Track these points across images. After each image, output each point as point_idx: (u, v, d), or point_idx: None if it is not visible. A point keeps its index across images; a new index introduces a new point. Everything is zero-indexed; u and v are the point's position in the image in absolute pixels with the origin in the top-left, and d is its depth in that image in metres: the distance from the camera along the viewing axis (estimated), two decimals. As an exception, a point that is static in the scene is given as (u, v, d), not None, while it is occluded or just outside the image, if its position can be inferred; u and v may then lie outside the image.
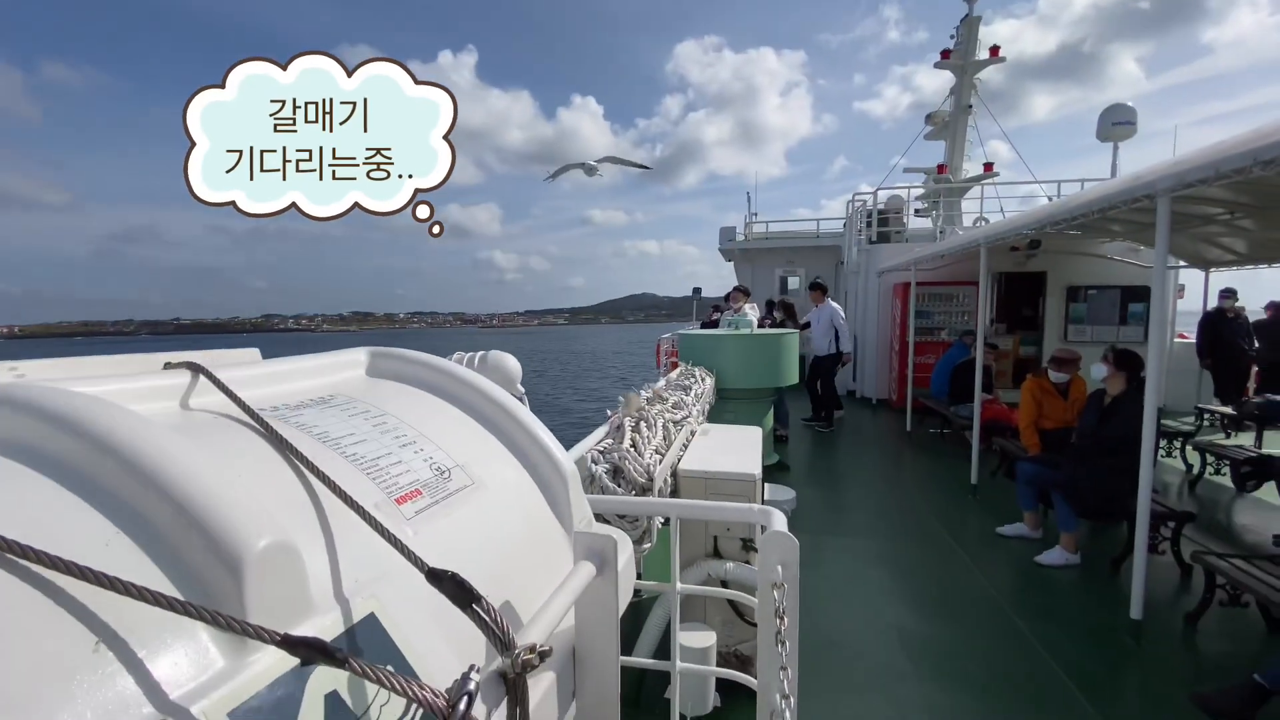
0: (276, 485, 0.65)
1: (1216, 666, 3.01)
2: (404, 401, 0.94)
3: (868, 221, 11.52)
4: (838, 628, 3.40)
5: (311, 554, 0.60)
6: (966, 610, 3.61)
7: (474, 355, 1.80)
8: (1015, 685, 2.88)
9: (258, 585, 0.54)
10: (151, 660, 0.50)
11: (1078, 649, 3.15)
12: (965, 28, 13.31)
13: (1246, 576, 3.05)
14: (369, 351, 1.07)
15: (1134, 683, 2.95)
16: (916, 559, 4.37)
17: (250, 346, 0.99)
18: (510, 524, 0.86)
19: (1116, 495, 3.85)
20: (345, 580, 0.61)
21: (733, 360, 5.71)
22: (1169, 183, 3.01)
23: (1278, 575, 3.00)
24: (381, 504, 0.71)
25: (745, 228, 15.33)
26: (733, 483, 2.77)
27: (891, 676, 2.95)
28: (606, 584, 0.80)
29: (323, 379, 0.95)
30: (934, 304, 9.98)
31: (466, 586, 0.56)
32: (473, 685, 0.49)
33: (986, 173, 13.54)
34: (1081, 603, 3.70)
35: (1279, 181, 4.03)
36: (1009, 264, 9.57)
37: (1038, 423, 5.10)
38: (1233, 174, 2.73)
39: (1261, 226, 5.57)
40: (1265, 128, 2.71)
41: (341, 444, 0.76)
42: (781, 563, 1.48)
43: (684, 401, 3.57)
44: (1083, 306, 9.63)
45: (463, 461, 0.86)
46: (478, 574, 0.76)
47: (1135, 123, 11.10)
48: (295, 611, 0.56)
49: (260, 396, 0.83)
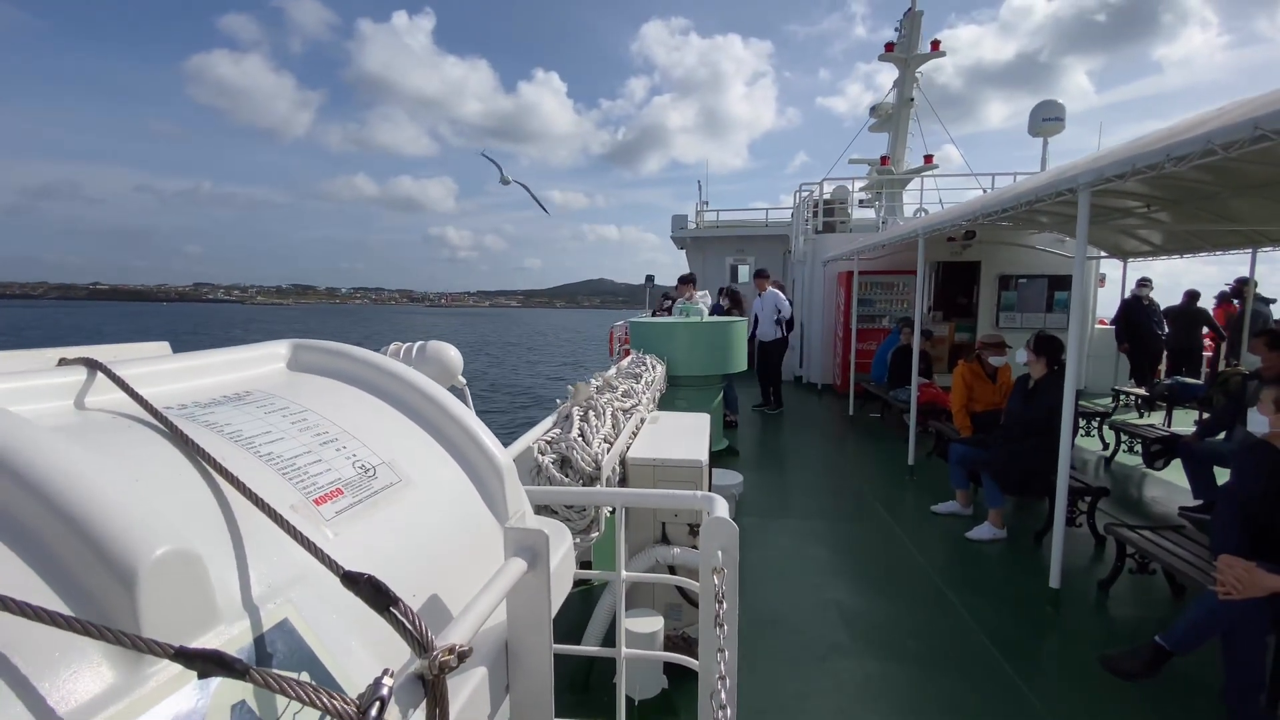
0: (179, 489, 0.62)
1: (1127, 630, 3.26)
2: (328, 397, 0.91)
3: (814, 211, 11.78)
4: (780, 606, 3.51)
5: (218, 561, 0.57)
6: (902, 585, 3.78)
7: (412, 346, 1.75)
8: (945, 655, 3.04)
9: (154, 596, 0.51)
10: (37, 679, 0.47)
11: (1002, 618, 3.35)
12: (908, 22, 13.65)
13: (1154, 546, 3.30)
14: (291, 344, 1.02)
15: (1052, 648, 3.16)
16: (857, 537, 4.54)
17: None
18: (440, 521, 0.84)
19: (1038, 473, 4.09)
20: (256, 587, 0.58)
21: (683, 347, 5.76)
22: (1089, 177, 3.18)
23: (1181, 545, 3.25)
24: (299, 505, 0.68)
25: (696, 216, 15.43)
26: (680, 469, 2.80)
27: (830, 651, 3.07)
28: (538, 579, 0.79)
29: (239, 374, 0.90)
30: (876, 292, 10.30)
31: (383, 589, 0.55)
32: (385, 690, 0.48)
33: (927, 164, 14.01)
34: (1007, 574, 3.93)
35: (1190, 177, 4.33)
36: (946, 254, 9.96)
37: (969, 406, 5.35)
38: (1147, 169, 2.90)
39: (1175, 219, 5.97)
40: (1176, 126, 2.90)
41: (255, 443, 0.72)
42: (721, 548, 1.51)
43: (634, 390, 3.59)
44: (1013, 294, 10.13)
45: (389, 458, 0.84)
46: (403, 574, 0.75)
47: (1064, 119, 11.67)
48: (198, 622, 0.53)
49: (167, 394, 0.78)
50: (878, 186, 13.34)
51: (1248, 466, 2.75)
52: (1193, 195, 5.09)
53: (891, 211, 12.87)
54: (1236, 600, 2.35)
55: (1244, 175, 4.32)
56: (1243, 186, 4.59)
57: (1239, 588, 2.34)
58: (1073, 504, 4.33)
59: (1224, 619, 2.42)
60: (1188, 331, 8.92)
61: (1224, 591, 2.38)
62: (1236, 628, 2.40)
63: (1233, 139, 2.40)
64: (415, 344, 1.77)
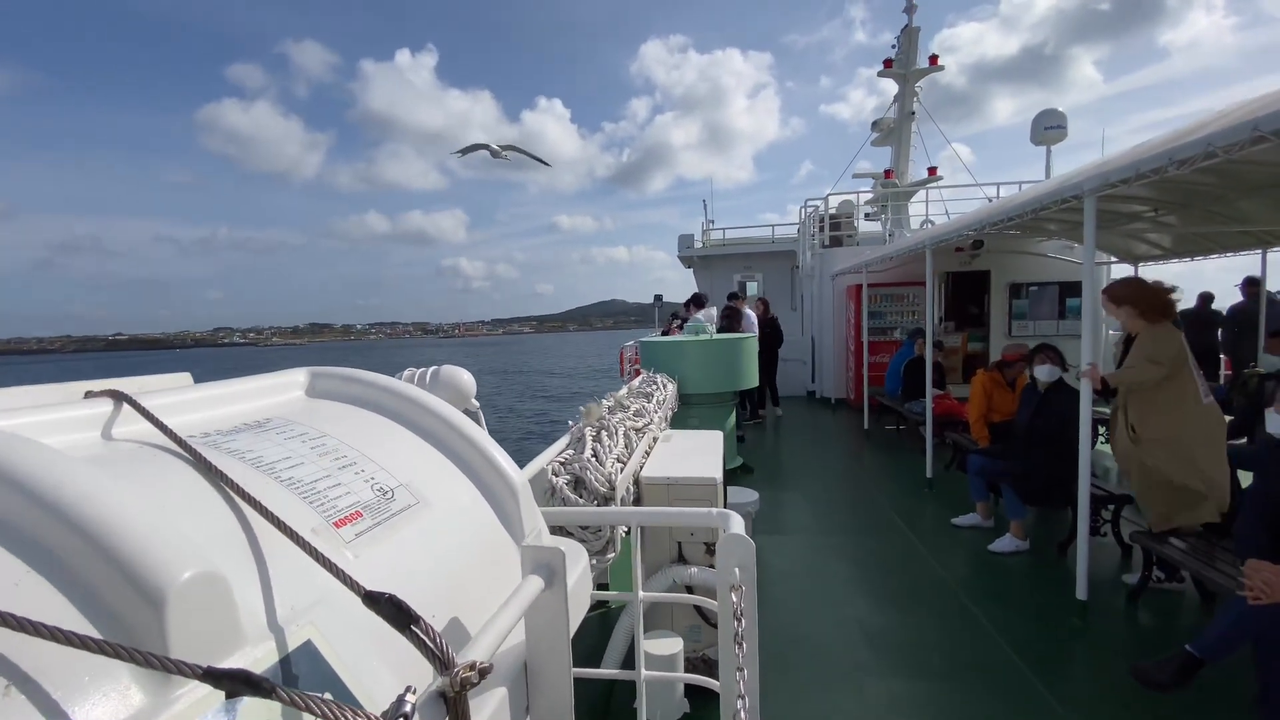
0: (205, 515, 0.63)
1: (1157, 640, 3.17)
2: (345, 422, 0.92)
3: (820, 226, 11.81)
4: (802, 625, 3.45)
5: (243, 584, 0.59)
6: (925, 601, 3.71)
7: (425, 371, 1.77)
8: (972, 671, 2.97)
9: (182, 619, 0.52)
10: (67, 702, 0.48)
11: (1029, 632, 3.28)
12: (905, 38, 13.80)
13: (1180, 553, 3.22)
14: (309, 372, 1.04)
15: (1081, 660, 3.08)
16: (877, 553, 4.47)
17: (192, 361, 0.95)
18: (458, 541, 0.85)
19: (1059, 482, 4.03)
20: (280, 608, 0.60)
21: (694, 365, 5.76)
22: (1094, 183, 3.18)
23: (1208, 551, 3.18)
24: (319, 528, 0.70)
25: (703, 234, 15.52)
26: (694, 488, 2.79)
27: (855, 670, 3.01)
28: (556, 597, 0.80)
29: (258, 402, 0.92)
30: (886, 304, 10.28)
31: (404, 608, 0.56)
32: (408, 707, 0.48)
33: (931, 176, 14.04)
34: (1031, 587, 3.85)
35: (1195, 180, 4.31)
36: (954, 264, 9.93)
37: (987, 416, 5.29)
38: (1151, 174, 2.90)
39: (1183, 222, 5.92)
40: (1180, 130, 2.90)
41: (277, 469, 0.74)
42: (739, 565, 1.50)
43: (645, 409, 3.59)
44: (1024, 303, 10.06)
45: (406, 481, 0.85)
46: (423, 594, 0.76)
47: (1065, 126, 11.68)
48: (225, 643, 0.54)
49: (190, 423, 0.81)
50: (883, 200, 13.38)
51: (1270, 470, 2.69)
52: (1200, 198, 5.06)
53: (898, 224, 12.88)
54: (1266, 605, 2.29)
55: (1249, 177, 4.29)
56: (1249, 188, 4.56)
57: (1268, 592, 2.28)
58: (1096, 513, 4.25)
59: (1254, 624, 2.35)
60: (1203, 334, 8.81)
61: (1253, 596, 2.32)
62: (1267, 633, 2.34)
63: (1232, 141, 2.40)
64: (429, 369, 1.80)
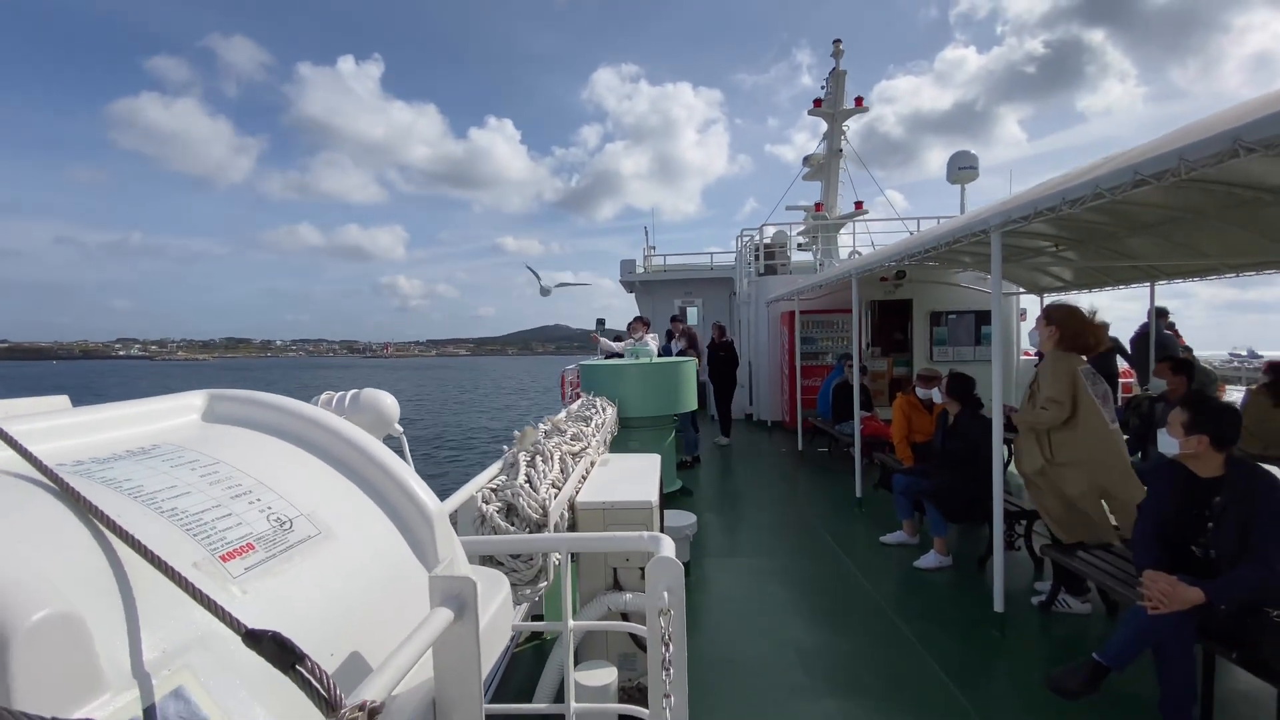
0: (67, 550, 0.58)
1: (1067, 649, 3.35)
2: (243, 449, 0.87)
3: (756, 255, 12.19)
4: (738, 647, 3.46)
5: (106, 625, 0.54)
6: (856, 619, 3.80)
7: (344, 395, 1.70)
8: (900, 687, 3.05)
9: (30, 664, 0.47)
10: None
11: (952, 645, 3.40)
12: (834, 80, 14.61)
13: (1085, 565, 3.43)
14: (207, 394, 0.98)
15: (1000, 672, 3.22)
16: (811, 573, 4.55)
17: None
18: (363, 574, 0.81)
19: (976, 500, 4.24)
20: (149, 652, 0.55)
21: (633, 389, 5.78)
22: (999, 219, 3.43)
23: (1111, 562, 3.40)
24: (203, 562, 0.65)
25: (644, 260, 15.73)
26: (630, 511, 2.77)
27: (789, 693, 3.03)
28: (466, 629, 0.77)
29: (145, 427, 0.86)
30: (817, 330, 10.66)
31: (288, 646, 0.52)
32: (285, 754, 0.45)
33: (858, 210, 14.79)
34: (953, 601, 4.00)
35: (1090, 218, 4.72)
36: (880, 293, 10.43)
37: (909, 437, 5.53)
38: (1048, 211, 3.16)
39: (1082, 257, 6.46)
40: (1071, 173, 3.17)
41: (158, 499, 0.69)
42: (667, 589, 1.49)
43: (583, 433, 3.55)
44: (944, 329, 10.66)
45: (309, 510, 0.81)
46: (320, 630, 0.71)
47: (977, 168, 12.60)
48: (79, 692, 0.49)
49: (61, 450, 0.74)
50: (814, 231, 13.97)
51: (1161, 486, 2.90)
52: (1095, 235, 5.54)
53: (828, 254, 13.46)
54: (1164, 614, 2.46)
55: (1137, 217, 4.74)
56: (1137, 226, 5.03)
57: (1164, 601, 2.45)
58: (1010, 528, 4.48)
59: (1153, 632, 2.52)
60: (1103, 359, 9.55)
61: (1151, 606, 2.48)
62: (1165, 640, 2.50)
63: (1116, 184, 2.65)
64: (349, 393, 1.73)
